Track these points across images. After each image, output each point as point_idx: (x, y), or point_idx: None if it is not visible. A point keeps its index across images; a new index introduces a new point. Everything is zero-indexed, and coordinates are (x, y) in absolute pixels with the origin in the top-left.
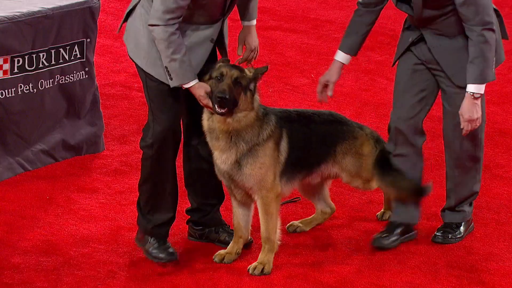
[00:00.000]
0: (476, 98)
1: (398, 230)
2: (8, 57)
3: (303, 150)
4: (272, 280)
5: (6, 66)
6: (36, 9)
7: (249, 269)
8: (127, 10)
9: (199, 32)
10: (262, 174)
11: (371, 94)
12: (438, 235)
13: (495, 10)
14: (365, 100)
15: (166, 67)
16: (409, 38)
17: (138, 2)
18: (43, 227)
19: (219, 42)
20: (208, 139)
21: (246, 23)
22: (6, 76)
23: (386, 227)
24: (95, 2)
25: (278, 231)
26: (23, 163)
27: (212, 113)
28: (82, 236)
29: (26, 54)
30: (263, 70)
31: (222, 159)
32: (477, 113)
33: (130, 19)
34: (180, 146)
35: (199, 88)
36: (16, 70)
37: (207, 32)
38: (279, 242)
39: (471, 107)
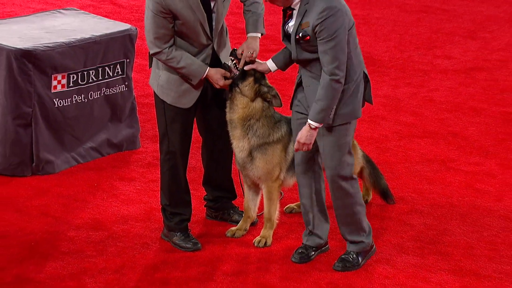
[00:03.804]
0: (312, 129)
1: (313, 250)
2: (66, 74)
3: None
4: (273, 250)
5: (64, 81)
6: (87, 36)
7: (254, 242)
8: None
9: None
10: (269, 168)
11: None
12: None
13: (365, 75)
14: None
15: (183, 74)
16: (297, 78)
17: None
18: (92, 208)
19: (216, 66)
20: (229, 129)
21: (248, 35)
22: (64, 89)
23: (303, 247)
24: (133, 30)
25: (277, 212)
26: (77, 157)
27: (229, 104)
28: (123, 215)
29: (79, 72)
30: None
31: (239, 148)
32: (307, 140)
33: (152, 67)
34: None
35: (215, 74)
36: (71, 84)
37: (201, 58)
38: (277, 221)
39: (306, 134)
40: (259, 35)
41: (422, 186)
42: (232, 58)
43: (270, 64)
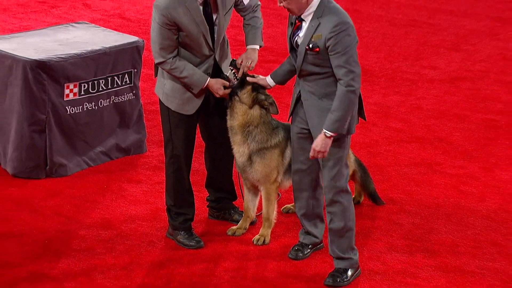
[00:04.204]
0: (327, 137)
1: (308, 248)
2: (77, 83)
3: None
4: (271, 248)
5: (76, 90)
6: (98, 47)
7: (253, 240)
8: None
9: (198, 68)
10: (267, 171)
11: None
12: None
13: (359, 94)
14: None
15: (185, 83)
16: (295, 93)
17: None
18: (102, 208)
19: (217, 75)
20: (230, 135)
21: (247, 46)
22: (75, 97)
23: (300, 245)
24: (140, 42)
25: (275, 212)
26: (87, 161)
27: (230, 112)
28: (130, 215)
29: (90, 81)
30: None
31: (239, 152)
32: (323, 148)
33: (158, 76)
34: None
35: (215, 84)
36: (82, 93)
37: (203, 68)
38: (275, 221)
39: (321, 142)
40: (258, 46)
41: (410, 187)
42: (232, 68)
43: (269, 80)
